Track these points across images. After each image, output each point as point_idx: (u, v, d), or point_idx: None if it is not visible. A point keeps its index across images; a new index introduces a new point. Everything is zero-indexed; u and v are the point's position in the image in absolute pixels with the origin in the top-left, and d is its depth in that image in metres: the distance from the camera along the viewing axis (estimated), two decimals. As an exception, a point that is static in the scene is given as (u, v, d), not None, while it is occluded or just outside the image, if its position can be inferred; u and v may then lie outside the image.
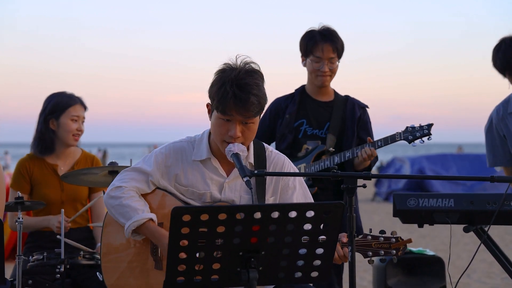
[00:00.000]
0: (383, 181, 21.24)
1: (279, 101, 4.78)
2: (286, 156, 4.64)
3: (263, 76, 3.21)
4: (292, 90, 4.81)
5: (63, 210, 3.89)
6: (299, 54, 4.73)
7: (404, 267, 5.44)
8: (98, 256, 4.14)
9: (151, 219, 3.25)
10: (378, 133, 4.67)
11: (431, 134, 4.36)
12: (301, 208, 2.62)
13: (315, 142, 4.63)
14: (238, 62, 3.19)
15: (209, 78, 3.24)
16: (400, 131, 4.41)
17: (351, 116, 4.64)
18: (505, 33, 4.53)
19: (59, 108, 4.44)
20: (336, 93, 4.75)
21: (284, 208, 2.60)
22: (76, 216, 4.32)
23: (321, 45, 4.57)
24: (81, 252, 4.11)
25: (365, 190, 20.93)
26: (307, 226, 2.64)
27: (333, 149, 4.58)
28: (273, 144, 4.82)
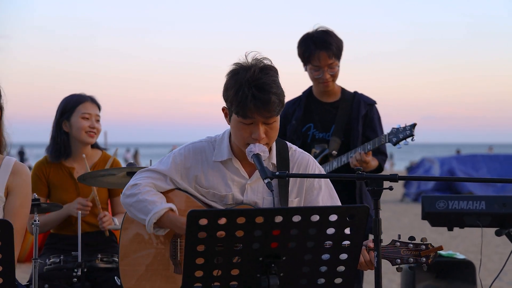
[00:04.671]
0: (412, 181, 21.01)
1: (287, 106, 4.67)
2: None
3: (277, 71, 3.07)
4: (299, 91, 4.71)
5: (79, 212, 3.79)
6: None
7: (434, 271, 5.31)
8: (116, 259, 4.05)
9: (171, 209, 3.15)
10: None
11: (413, 135, 4.19)
12: (324, 211, 2.51)
13: (322, 146, 4.54)
14: (250, 60, 3.04)
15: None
16: (386, 133, 4.29)
17: (356, 116, 4.52)
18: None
19: (69, 107, 4.30)
20: (343, 91, 4.62)
21: (306, 211, 2.49)
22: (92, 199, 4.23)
23: (316, 54, 4.42)
24: (99, 255, 4.02)
25: (394, 191, 20.70)
26: (330, 231, 2.52)
27: (336, 153, 4.48)
28: None
